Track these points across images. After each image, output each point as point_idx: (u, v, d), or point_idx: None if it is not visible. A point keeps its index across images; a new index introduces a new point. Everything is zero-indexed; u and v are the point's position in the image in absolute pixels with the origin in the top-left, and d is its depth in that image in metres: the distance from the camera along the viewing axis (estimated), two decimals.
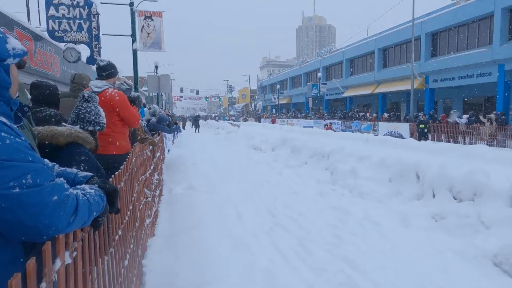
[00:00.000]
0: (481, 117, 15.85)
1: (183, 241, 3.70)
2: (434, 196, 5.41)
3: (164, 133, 9.76)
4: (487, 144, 13.58)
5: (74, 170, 1.44)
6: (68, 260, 1.07)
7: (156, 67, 22.08)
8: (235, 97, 76.55)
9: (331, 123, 26.53)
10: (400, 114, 27.36)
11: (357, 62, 32.37)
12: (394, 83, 26.32)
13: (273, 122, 37.86)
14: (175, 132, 11.47)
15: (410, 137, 18.49)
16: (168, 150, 12.06)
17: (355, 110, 29.78)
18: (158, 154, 6.07)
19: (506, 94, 18.29)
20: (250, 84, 64.91)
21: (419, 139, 15.93)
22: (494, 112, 16.21)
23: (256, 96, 66.98)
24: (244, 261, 3.61)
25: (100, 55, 10.11)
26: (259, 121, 43.92)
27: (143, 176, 3.35)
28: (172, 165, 9.11)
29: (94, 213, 1.19)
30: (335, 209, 5.75)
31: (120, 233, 1.96)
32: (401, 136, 19.06)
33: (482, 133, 15.16)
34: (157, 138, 5.76)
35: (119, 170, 2.06)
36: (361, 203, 6.03)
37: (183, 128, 33.88)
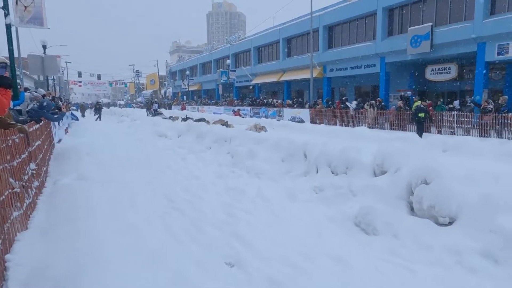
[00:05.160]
0: (365, 106, 18.05)
1: (63, 233, 3.49)
2: (317, 172, 6.07)
3: (51, 121, 8.82)
4: (368, 127, 15.66)
5: None
6: None
7: (44, 46, 19.40)
8: (143, 83, 72.33)
9: (239, 109, 27.20)
10: (303, 100, 29.42)
11: (264, 50, 33.51)
12: (297, 71, 28.08)
13: (183, 109, 37.11)
14: (60, 120, 10.34)
15: (310, 122, 20.18)
16: (59, 140, 10.91)
17: (263, 97, 30.99)
18: (38, 142, 5.48)
19: (386, 83, 21.16)
20: (158, 69, 61.89)
21: (419, 132, 12.98)
22: (378, 99, 18.62)
23: (166, 82, 64.41)
24: (131, 244, 3.57)
25: None
26: (170, 108, 42.55)
27: (6, 165, 3.02)
28: (62, 156, 8.30)
29: None
30: (232, 189, 6.02)
31: None
32: (302, 121, 20.67)
33: (367, 117, 17.34)
34: (35, 126, 5.18)
35: None
36: (256, 183, 6.43)
37: (82, 116, 30.96)
